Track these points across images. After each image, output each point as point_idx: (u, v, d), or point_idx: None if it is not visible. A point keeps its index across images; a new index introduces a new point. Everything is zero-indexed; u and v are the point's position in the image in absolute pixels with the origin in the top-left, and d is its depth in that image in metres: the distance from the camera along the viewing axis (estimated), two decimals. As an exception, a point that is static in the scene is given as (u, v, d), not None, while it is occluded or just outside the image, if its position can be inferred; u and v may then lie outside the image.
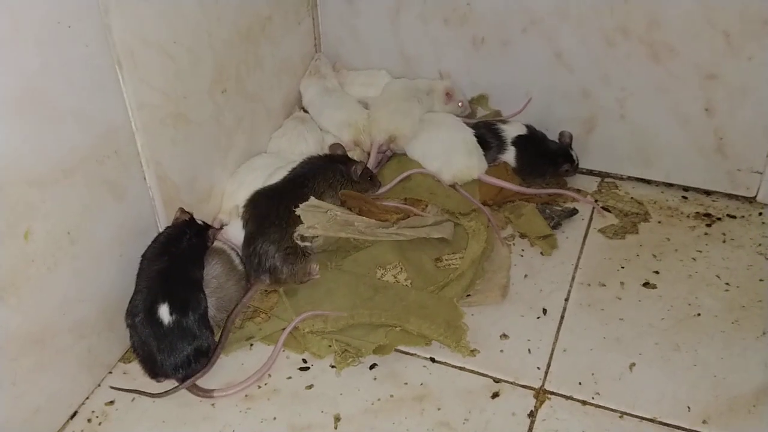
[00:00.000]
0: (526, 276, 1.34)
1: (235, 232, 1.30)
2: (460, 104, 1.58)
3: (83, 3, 1.00)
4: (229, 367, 1.18)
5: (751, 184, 1.47)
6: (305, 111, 1.61)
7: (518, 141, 1.52)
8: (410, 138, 1.51)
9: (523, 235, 1.43)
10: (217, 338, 1.18)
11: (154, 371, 1.14)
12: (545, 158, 1.52)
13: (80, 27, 1.00)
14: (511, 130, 1.53)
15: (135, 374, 1.18)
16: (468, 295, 1.29)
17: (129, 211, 1.15)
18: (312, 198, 1.30)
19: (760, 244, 1.39)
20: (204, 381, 1.15)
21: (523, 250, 1.40)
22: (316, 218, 1.28)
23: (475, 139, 1.50)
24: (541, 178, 1.54)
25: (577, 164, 1.53)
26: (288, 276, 1.25)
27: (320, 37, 1.66)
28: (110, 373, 1.19)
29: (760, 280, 1.31)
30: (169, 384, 1.14)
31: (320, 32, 1.66)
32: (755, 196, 1.48)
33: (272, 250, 1.23)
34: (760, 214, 1.46)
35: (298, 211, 1.28)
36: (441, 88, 1.57)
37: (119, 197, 1.13)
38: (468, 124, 1.54)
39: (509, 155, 1.52)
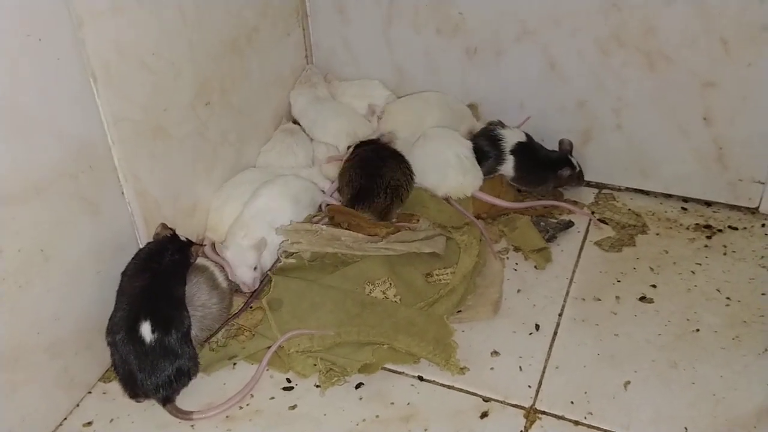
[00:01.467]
0: (519, 291, 1.30)
1: (235, 256, 1.27)
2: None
3: (55, 16, 0.98)
4: (211, 388, 1.15)
5: (753, 194, 1.43)
6: (295, 122, 1.58)
7: (518, 149, 1.48)
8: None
9: (517, 249, 1.39)
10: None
11: (135, 391, 1.11)
12: (545, 166, 1.48)
13: (52, 40, 0.98)
14: (511, 137, 1.49)
15: (115, 394, 1.15)
16: (459, 311, 1.26)
17: (107, 227, 1.13)
18: (291, 221, 1.29)
19: (762, 257, 1.34)
20: (184, 402, 1.12)
21: (516, 264, 1.36)
22: (300, 234, 1.25)
23: (471, 153, 1.46)
24: (543, 187, 1.50)
25: (581, 171, 1.49)
26: None
27: (311, 48, 1.64)
28: (89, 393, 1.16)
29: (763, 294, 1.26)
30: (149, 405, 1.11)
31: (311, 43, 1.63)
32: (758, 207, 1.44)
33: None
34: (763, 225, 1.42)
35: (278, 232, 1.25)
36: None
37: (96, 213, 1.10)
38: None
39: (508, 165, 1.48)
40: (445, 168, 1.43)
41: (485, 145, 1.49)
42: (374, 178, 1.36)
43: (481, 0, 1.45)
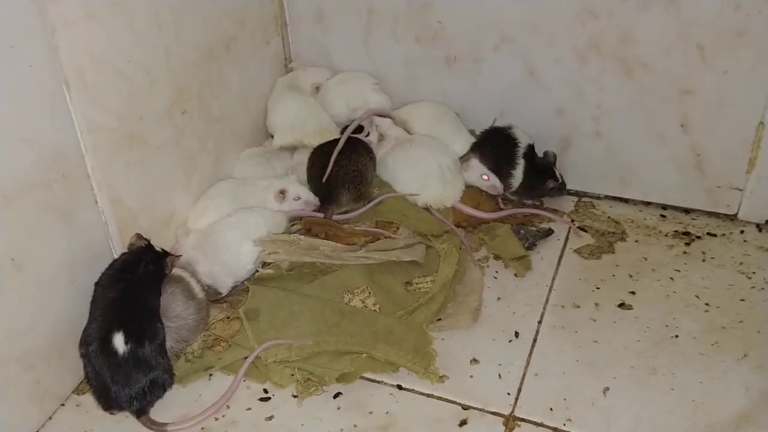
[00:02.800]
0: (499, 298, 1.30)
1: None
2: (484, 177, 1.46)
3: (28, 23, 0.97)
4: (186, 399, 1.14)
5: (731, 201, 1.44)
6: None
7: (527, 153, 1.45)
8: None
9: (497, 257, 1.39)
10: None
11: (108, 403, 1.09)
12: (540, 173, 1.47)
13: (24, 47, 0.97)
14: (524, 139, 1.46)
15: (88, 406, 1.13)
16: (439, 319, 1.25)
17: (80, 236, 1.11)
18: (270, 233, 1.28)
19: (741, 263, 1.34)
20: (159, 413, 1.10)
21: (497, 272, 1.36)
22: (278, 245, 1.24)
23: (455, 164, 1.45)
24: (533, 195, 1.50)
25: (563, 183, 1.49)
26: None
27: (290, 57, 1.64)
28: (62, 405, 1.14)
29: (742, 299, 1.26)
30: (123, 417, 1.09)
31: (290, 52, 1.63)
32: (736, 214, 1.44)
33: None
34: (742, 231, 1.42)
35: (256, 243, 1.24)
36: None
37: (69, 222, 1.09)
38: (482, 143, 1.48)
39: (519, 170, 1.45)
40: (426, 177, 1.42)
41: (500, 146, 1.46)
42: (330, 179, 1.38)
43: (459, 9, 1.45)
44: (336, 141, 1.44)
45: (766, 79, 1.30)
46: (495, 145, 1.47)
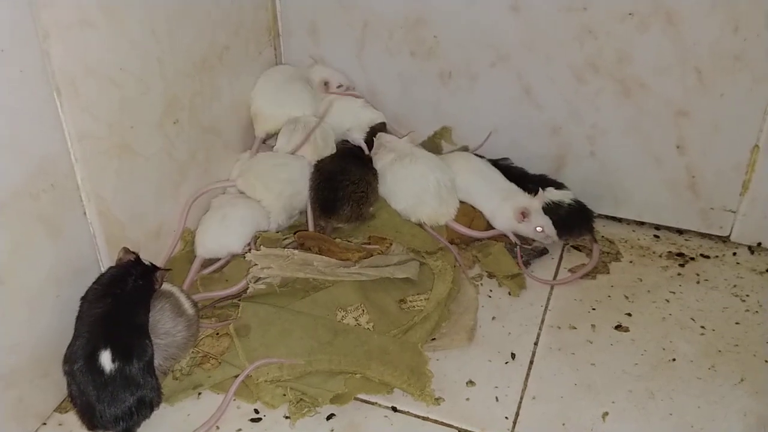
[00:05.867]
0: (493, 318, 1.28)
1: None
2: (539, 230, 1.37)
3: (20, 26, 0.93)
4: (174, 419, 1.10)
5: (724, 223, 1.44)
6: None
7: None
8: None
9: (491, 275, 1.37)
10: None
11: (93, 422, 1.05)
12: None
13: (15, 51, 0.93)
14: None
15: (71, 425, 1.09)
16: (433, 339, 1.23)
17: (67, 249, 1.07)
18: (263, 247, 1.26)
19: (735, 285, 1.34)
20: (145, 434, 1.06)
21: (491, 290, 1.34)
22: (271, 260, 1.21)
23: (451, 182, 1.42)
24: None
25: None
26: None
27: (282, 69, 1.61)
28: (44, 424, 1.09)
29: (736, 323, 1.26)
30: (109, 437, 1.05)
31: (283, 63, 1.60)
32: (729, 236, 1.45)
33: None
34: (734, 254, 1.42)
35: (249, 257, 1.21)
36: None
37: (56, 234, 1.05)
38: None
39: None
40: (422, 194, 1.40)
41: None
42: (336, 190, 1.36)
43: (456, 24, 1.44)
44: (336, 155, 1.43)
45: (761, 102, 1.30)
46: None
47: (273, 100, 1.50)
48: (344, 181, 1.38)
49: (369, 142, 1.52)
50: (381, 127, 1.54)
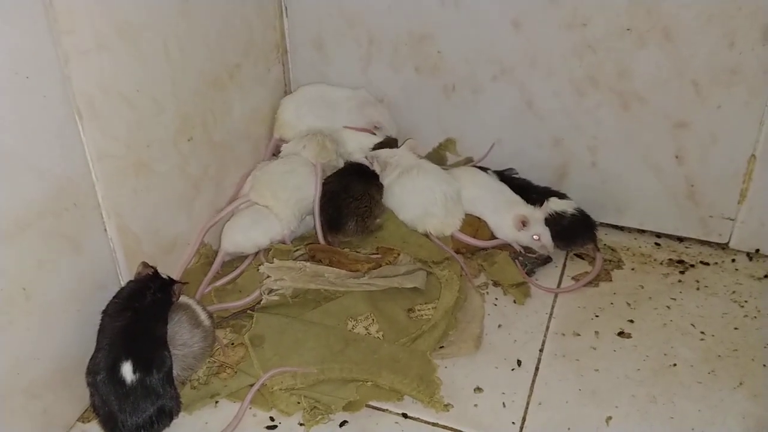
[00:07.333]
0: (500, 326, 1.31)
1: None
2: (536, 238, 1.41)
3: (42, 53, 0.98)
4: (193, 427, 1.14)
5: (723, 230, 1.47)
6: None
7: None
8: None
9: (496, 283, 1.41)
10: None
11: (115, 432, 1.09)
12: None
13: (39, 77, 0.97)
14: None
15: (93, 435, 1.13)
16: (441, 347, 1.26)
17: (88, 264, 1.11)
18: (275, 260, 1.30)
19: (734, 292, 1.38)
20: (166, 442, 1.10)
21: (496, 298, 1.38)
22: (283, 272, 1.25)
23: (457, 195, 1.46)
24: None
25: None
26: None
27: (290, 84, 1.65)
28: (67, 434, 1.14)
29: (735, 328, 1.29)
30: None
31: (290, 79, 1.64)
32: (728, 243, 1.48)
33: None
34: (733, 260, 1.46)
35: (262, 269, 1.25)
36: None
37: (78, 251, 1.09)
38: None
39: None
40: (430, 205, 1.43)
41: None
42: (340, 208, 1.41)
43: (459, 39, 1.48)
44: (339, 173, 1.48)
45: (758, 113, 1.34)
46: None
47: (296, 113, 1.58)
48: (347, 199, 1.41)
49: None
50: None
